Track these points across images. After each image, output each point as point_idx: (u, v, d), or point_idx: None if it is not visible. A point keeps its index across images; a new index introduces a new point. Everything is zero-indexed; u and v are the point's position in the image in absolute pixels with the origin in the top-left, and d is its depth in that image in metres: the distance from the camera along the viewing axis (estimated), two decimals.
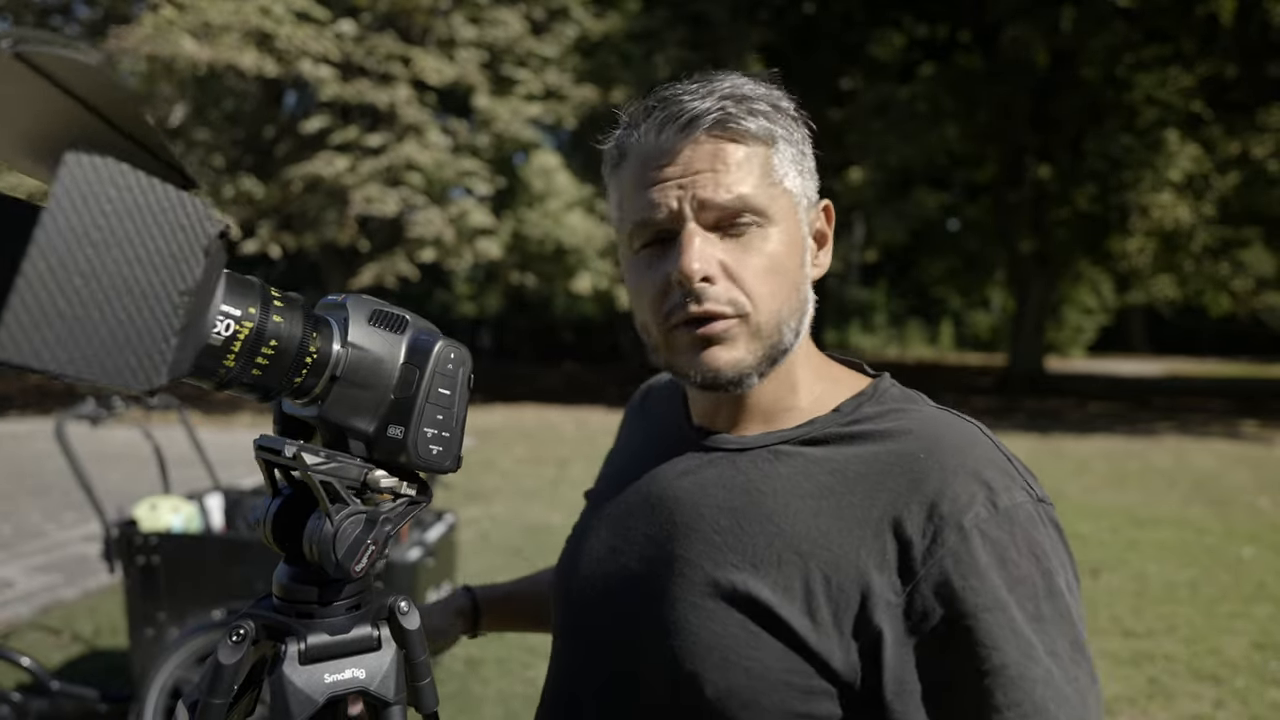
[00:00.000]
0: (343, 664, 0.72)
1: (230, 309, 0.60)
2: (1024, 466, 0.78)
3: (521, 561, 5.32)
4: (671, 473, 0.86)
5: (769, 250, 0.78)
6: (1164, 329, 38.59)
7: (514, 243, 15.73)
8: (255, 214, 14.94)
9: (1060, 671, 0.68)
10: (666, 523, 0.83)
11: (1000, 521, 0.71)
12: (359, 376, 0.68)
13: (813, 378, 0.85)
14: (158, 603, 2.79)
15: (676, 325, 0.78)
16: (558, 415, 13.90)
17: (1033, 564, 0.70)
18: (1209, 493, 7.88)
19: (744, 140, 0.77)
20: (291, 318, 0.64)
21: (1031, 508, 0.73)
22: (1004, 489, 0.73)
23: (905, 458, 0.76)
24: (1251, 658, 3.92)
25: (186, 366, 0.55)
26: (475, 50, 15.04)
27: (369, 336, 0.69)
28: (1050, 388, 18.90)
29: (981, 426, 0.81)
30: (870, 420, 0.80)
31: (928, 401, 0.84)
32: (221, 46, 12.99)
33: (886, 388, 0.84)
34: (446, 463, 0.71)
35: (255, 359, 0.62)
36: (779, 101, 0.80)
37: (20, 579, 4.99)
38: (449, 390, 0.70)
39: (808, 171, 0.82)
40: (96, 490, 2.96)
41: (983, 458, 0.75)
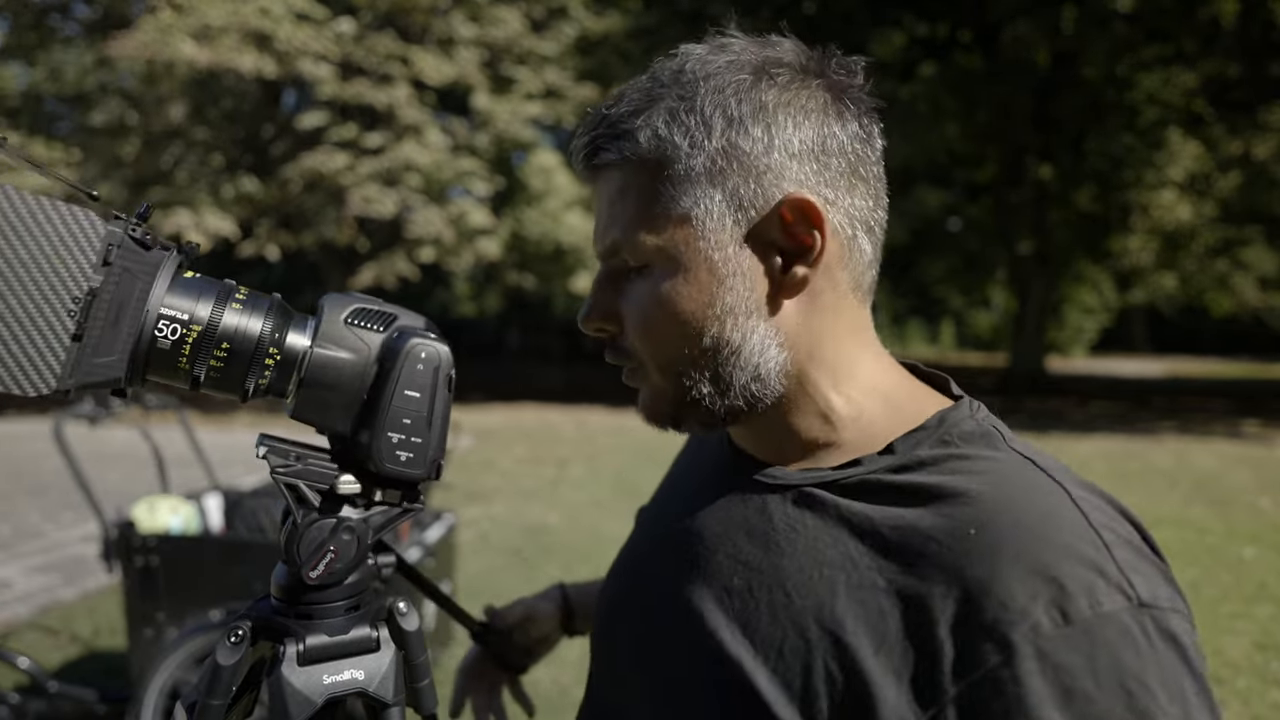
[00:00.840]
0: (341, 665, 0.71)
1: (174, 313, 0.61)
2: (1136, 548, 0.57)
3: (521, 562, 5.31)
4: (703, 501, 0.75)
5: (654, 299, 0.66)
6: (1165, 329, 38.62)
7: (513, 242, 15.73)
8: (254, 213, 14.94)
9: None
10: (686, 559, 0.73)
11: (1071, 638, 0.52)
12: (326, 376, 0.66)
13: (862, 401, 0.68)
14: (156, 603, 2.78)
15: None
16: (557, 415, 13.89)
17: (1120, 703, 0.51)
18: (1210, 493, 7.87)
19: (614, 176, 0.67)
20: (251, 317, 0.64)
21: (1129, 617, 0.53)
22: (1084, 589, 0.53)
23: (952, 532, 0.58)
24: (1253, 658, 3.91)
25: (118, 371, 0.59)
26: (475, 49, 15.03)
27: (342, 335, 0.67)
28: (1051, 388, 18.91)
29: (1074, 487, 0.60)
30: (924, 469, 0.63)
31: (1010, 440, 0.65)
32: (221, 48, 12.99)
33: (957, 421, 0.66)
34: (417, 471, 0.67)
35: (210, 360, 0.62)
36: (684, 92, 0.65)
37: (19, 579, 4.98)
38: (418, 392, 0.66)
39: (742, 171, 0.64)
40: (95, 491, 2.95)
41: (1061, 541, 0.56)
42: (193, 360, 0.62)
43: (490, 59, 15.36)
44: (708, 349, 0.66)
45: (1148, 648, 0.52)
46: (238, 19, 13.06)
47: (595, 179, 0.70)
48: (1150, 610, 0.53)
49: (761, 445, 0.72)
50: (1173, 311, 25.77)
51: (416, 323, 0.69)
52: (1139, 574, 0.55)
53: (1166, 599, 0.55)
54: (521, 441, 10.86)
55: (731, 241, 0.65)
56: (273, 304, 0.65)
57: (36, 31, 16.67)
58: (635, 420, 3.70)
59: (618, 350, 0.71)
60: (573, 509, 6.85)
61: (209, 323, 0.61)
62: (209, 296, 0.62)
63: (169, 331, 0.60)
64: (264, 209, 14.96)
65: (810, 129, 0.64)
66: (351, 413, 0.67)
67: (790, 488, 0.68)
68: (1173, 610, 0.54)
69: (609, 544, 5.75)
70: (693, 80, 0.65)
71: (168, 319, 0.60)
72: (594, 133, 0.68)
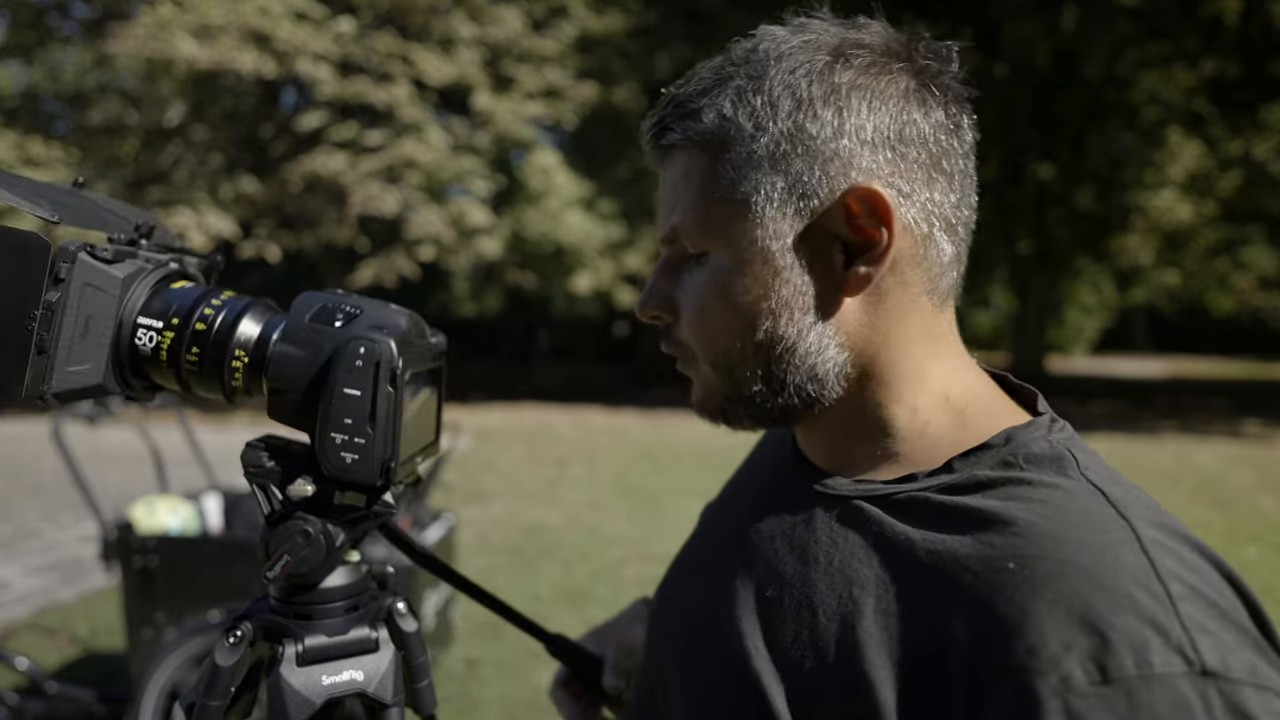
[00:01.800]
0: (340, 665, 0.71)
1: (150, 320, 0.65)
2: (1213, 605, 0.48)
3: (521, 562, 5.31)
4: (759, 504, 0.72)
5: (711, 288, 0.63)
6: (1166, 328, 38.64)
7: (513, 242, 15.73)
8: (254, 213, 14.94)
9: None
10: (734, 563, 0.70)
11: (1109, 700, 0.45)
12: (283, 376, 0.65)
13: (930, 413, 0.63)
14: (155, 604, 2.77)
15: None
16: (557, 415, 13.90)
17: None
18: (1211, 493, 7.87)
19: (676, 158, 0.65)
20: (221, 320, 0.66)
21: (1187, 685, 0.45)
22: (1133, 645, 0.46)
23: (990, 564, 0.52)
24: None
25: (94, 378, 0.63)
26: (475, 48, 15.03)
27: (301, 334, 0.65)
28: (1052, 387, 18.76)
29: (1147, 527, 0.52)
30: (979, 491, 0.57)
31: (1085, 468, 0.57)
32: (220, 47, 12.98)
33: (1026, 441, 0.59)
34: (363, 473, 0.64)
35: (183, 365, 0.66)
36: (754, 70, 0.61)
37: (17, 580, 4.97)
38: (357, 390, 0.63)
39: (807, 156, 0.60)
40: (94, 491, 2.95)
41: (1114, 586, 0.48)
42: (170, 365, 0.65)
43: (490, 58, 15.36)
44: (760, 344, 0.62)
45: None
46: (237, 18, 13.06)
47: (662, 161, 0.67)
48: (1217, 681, 0.45)
49: (822, 451, 0.69)
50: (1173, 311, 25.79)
51: (393, 319, 0.66)
52: (1209, 636, 0.46)
53: (1244, 670, 0.45)
54: (521, 442, 10.86)
55: (791, 232, 0.61)
56: (248, 305, 0.67)
57: (35, 30, 16.67)
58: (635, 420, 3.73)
59: (671, 339, 0.68)
60: (572, 509, 6.85)
61: (179, 329, 0.65)
62: (186, 304, 0.66)
63: (147, 339, 0.65)
64: (264, 209, 14.96)
65: (887, 115, 0.59)
66: (309, 412, 0.65)
67: (840, 499, 0.64)
68: (1252, 685, 0.45)
69: (609, 544, 5.75)
70: (764, 60, 0.61)
71: (144, 328, 0.64)
72: (662, 113, 0.65)
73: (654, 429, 11.85)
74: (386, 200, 14.06)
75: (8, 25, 16.59)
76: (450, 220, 14.80)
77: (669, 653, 0.73)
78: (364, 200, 13.99)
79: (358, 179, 14.06)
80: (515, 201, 15.87)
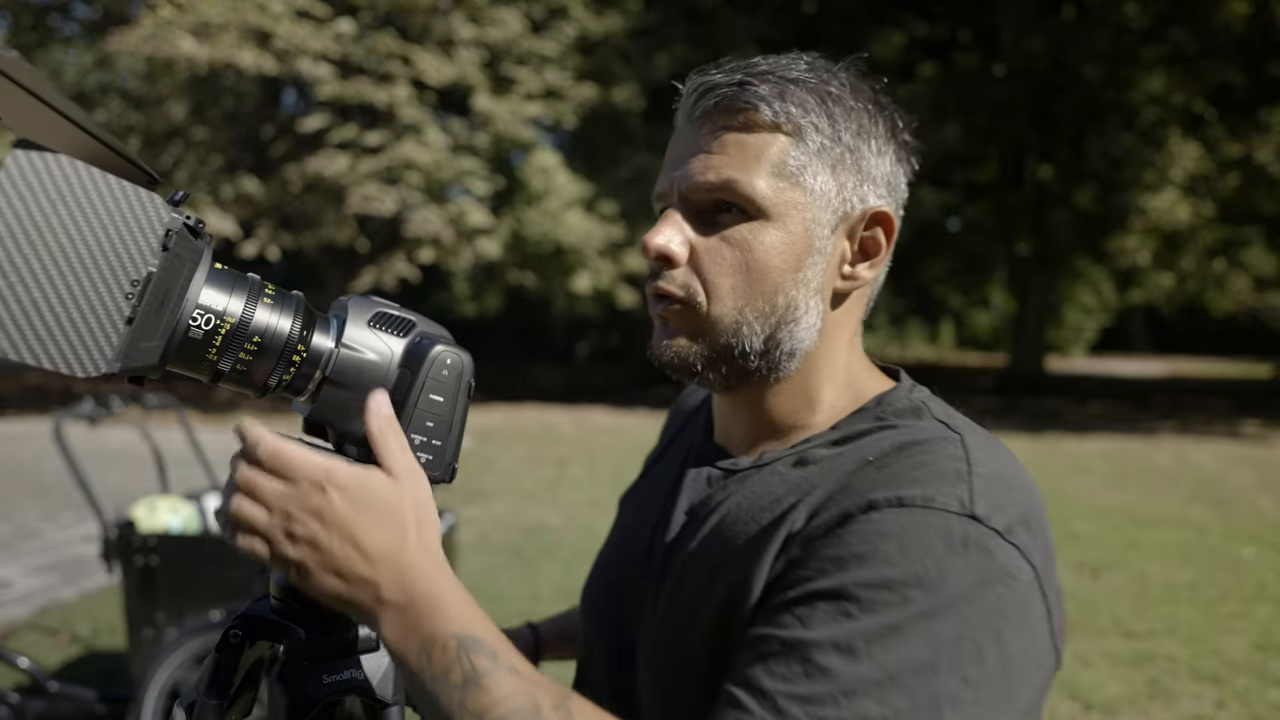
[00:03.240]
0: (341, 664, 0.71)
1: (210, 304, 0.61)
2: (1007, 487, 0.65)
3: (521, 562, 5.31)
4: (675, 492, 0.83)
5: (748, 244, 0.71)
6: (1165, 329, 38.60)
7: (513, 242, 15.72)
8: (254, 214, 14.93)
9: (832, 685, 0.57)
10: (651, 548, 0.82)
11: (897, 516, 0.62)
12: (349, 377, 0.67)
13: (840, 393, 0.77)
14: (156, 603, 2.78)
15: (650, 300, 0.77)
16: (558, 415, 13.90)
17: (904, 572, 0.59)
18: (1210, 493, 7.87)
19: (753, 124, 0.71)
20: (281, 314, 0.64)
21: (955, 521, 0.61)
22: (927, 492, 0.62)
23: (857, 461, 0.69)
24: (1252, 658, 3.92)
25: (155, 357, 0.58)
26: (474, 49, 15.02)
27: (365, 337, 0.68)
28: (1051, 388, 18.91)
29: (974, 438, 0.70)
30: (858, 437, 0.72)
31: (935, 412, 0.74)
32: (220, 45, 12.98)
33: (892, 400, 0.75)
34: (436, 473, 0.69)
35: (239, 354, 0.63)
36: (832, 90, 0.72)
37: (18, 579, 4.98)
38: (442, 397, 0.68)
39: (855, 173, 0.73)
40: (95, 490, 2.95)
41: (931, 466, 0.65)
42: (222, 352, 0.62)
43: (490, 59, 15.35)
44: (779, 306, 0.73)
45: (958, 546, 0.60)
46: (236, 15, 13.06)
47: (717, 117, 0.72)
48: (977, 524, 0.61)
49: (735, 437, 0.81)
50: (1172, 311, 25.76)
51: (435, 329, 0.70)
52: (986, 499, 0.63)
53: (1001, 525, 0.61)
54: (521, 441, 10.86)
55: (828, 224, 0.74)
56: (299, 302, 0.66)
57: (36, 31, 16.67)
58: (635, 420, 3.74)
59: (674, 280, 0.73)
60: (572, 509, 6.85)
61: (242, 317, 0.62)
62: (242, 290, 0.63)
63: (203, 322, 0.61)
64: (264, 209, 14.95)
65: (893, 165, 0.77)
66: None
67: (748, 470, 0.77)
68: (1004, 536, 0.61)
69: None
70: (841, 85, 0.74)
71: (203, 309, 0.61)
72: (744, 78, 0.72)
73: (654, 429, 11.84)
74: (385, 201, 14.06)
75: (9, 26, 16.59)
76: (449, 220, 14.79)
77: (598, 630, 0.87)
78: (362, 200, 13.99)
79: (357, 180, 14.06)
80: (515, 202, 15.86)
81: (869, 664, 0.56)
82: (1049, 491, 7.83)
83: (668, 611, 0.76)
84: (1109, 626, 4.30)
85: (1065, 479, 8.52)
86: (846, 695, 0.56)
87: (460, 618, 0.60)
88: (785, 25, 17.80)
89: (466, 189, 15.49)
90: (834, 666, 0.57)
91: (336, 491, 0.61)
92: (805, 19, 18.42)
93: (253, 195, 14.61)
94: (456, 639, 0.59)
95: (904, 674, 0.56)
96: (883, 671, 0.56)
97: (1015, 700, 0.59)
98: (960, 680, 0.57)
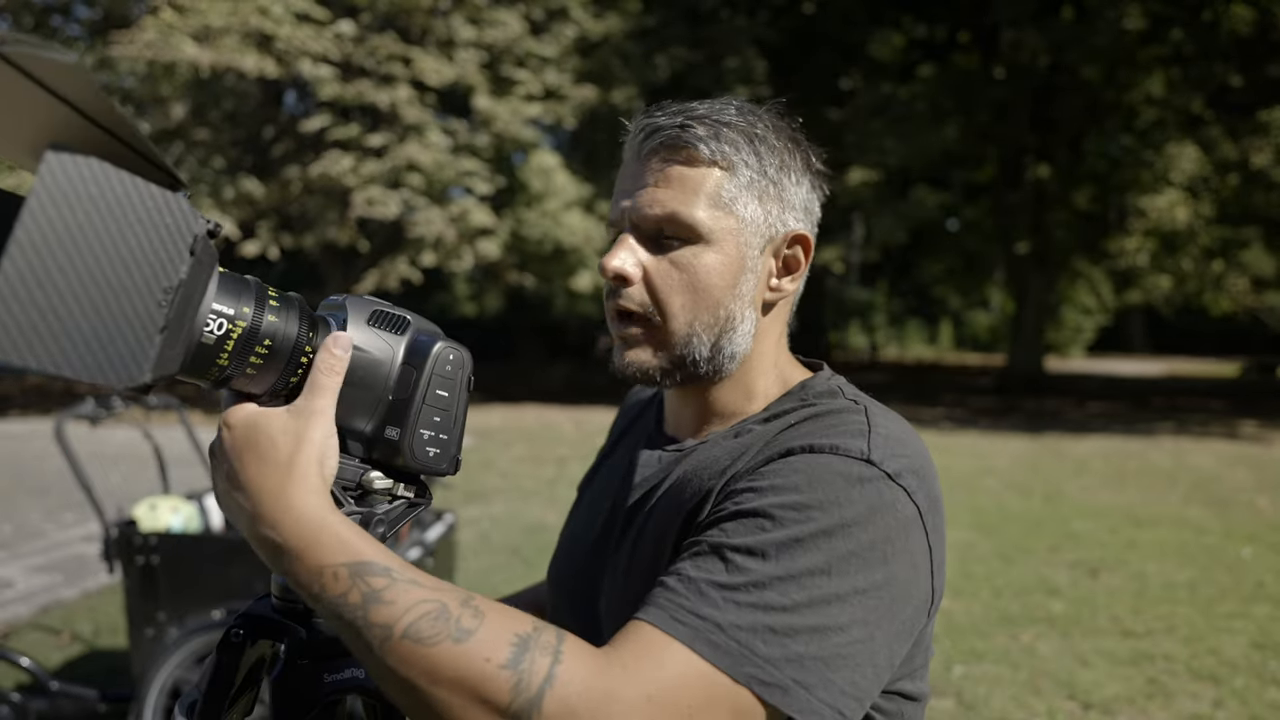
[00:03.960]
0: (341, 664, 0.72)
1: (223, 308, 0.61)
2: (900, 444, 0.77)
3: (520, 561, 5.32)
4: (629, 474, 0.95)
5: (693, 266, 0.83)
6: (1163, 329, 38.60)
7: (513, 242, 15.73)
8: (254, 214, 14.93)
9: (736, 600, 0.67)
10: (610, 521, 0.94)
11: (806, 458, 0.74)
12: (355, 377, 0.68)
13: (771, 383, 0.90)
14: (157, 603, 2.78)
15: (611, 319, 0.87)
16: (557, 415, 13.90)
17: (811, 499, 0.71)
18: (1208, 492, 7.88)
19: (693, 160, 0.82)
20: (288, 317, 0.65)
21: (854, 464, 0.73)
22: (835, 443, 0.75)
23: (778, 428, 0.82)
24: (1251, 657, 3.93)
25: (176, 365, 0.57)
26: (475, 50, 15.03)
27: (367, 337, 0.69)
28: (1049, 388, 18.91)
29: (877, 412, 0.82)
30: (785, 414, 0.85)
31: (849, 394, 0.87)
32: (222, 49, 12.98)
33: (814, 385, 0.89)
34: (443, 465, 0.71)
35: (249, 357, 0.63)
36: (758, 131, 0.84)
37: (20, 579, 4.99)
38: (447, 392, 0.70)
39: (778, 201, 0.86)
40: (96, 490, 2.96)
41: (844, 427, 0.77)
42: (234, 356, 0.62)
43: (490, 60, 15.36)
44: (721, 319, 0.84)
45: (855, 481, 0.72)
46: (237, 18, 13.06)
47: (662, 154, 0.83)
48: (873, 466, 0.73)
49: (690, 419, 0.92)
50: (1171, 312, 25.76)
51: (428, 326, 0.72)
52: (882, 450, 0.75)
53: (893, 469, 0.74)
54: (521, 441, 10.87)
55: (757, 246, 0.86)
56: (301, 304, 0.67)
57: (37, 32, 16.66)
58: None
59: (632, 299, 0.84)
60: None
61: (253, 321, 0.62)
62: (249, 294, 0.63)
63: (215, 326, 0.60)
64: (265, 210, 14.95)
65: (809, 193, 0.90)
66: (375, 410, 0.69)
67: (692, 448, 0.89)
68: (894, 478, 0.73)
69: None
70: (766, 124, 0.86)
71: (216, 314, 0.60)
72: (687, 118, 0.83)
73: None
74: (389, 204, 14.06)
75: (9, 27, 16.59)
76: (451, 221, 14.80)
77: (566, 602, 0.98)
78: (366, 204, 13.99)
79: (360, 181, 14.07)
80: (515, 203, 15.87)
81: (775, 565, 0.68)
82: (1048, 491, 7.84)
83: (627, 577, 0.86)
84: (1107, 626, 4.31)
85: (1064, 479, 8.53)
86: (756, 586, 0.67)
87: (344, 548, 0.63)
88: (784, 26, 17.81)
89: (468, 189, 15.50)
90: (748, 564, 0.69)
91: (227, 430, 0.67)
92: (804, 20, 18.42)
93: (253, 196, 14.62)
94: (346, 566, 0.62)
95: (803, 575, 0.68)
96: (786, 571, 0.68)
97: (896, 613, 0.71)
98: (850, 586, 0.69)
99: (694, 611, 0.66)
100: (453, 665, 0.60)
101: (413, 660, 0.61)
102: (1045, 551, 5.73)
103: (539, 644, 0.62)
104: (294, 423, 0.66)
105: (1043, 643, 4.07)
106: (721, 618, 0.66)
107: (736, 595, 0.67)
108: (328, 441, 0.67)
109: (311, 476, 0.65)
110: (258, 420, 0.66)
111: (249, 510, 0.65)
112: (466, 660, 0.60)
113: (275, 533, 0.64)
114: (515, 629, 0.63)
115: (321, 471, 0.66)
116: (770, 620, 0.66)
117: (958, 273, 24.89)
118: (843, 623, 0.67)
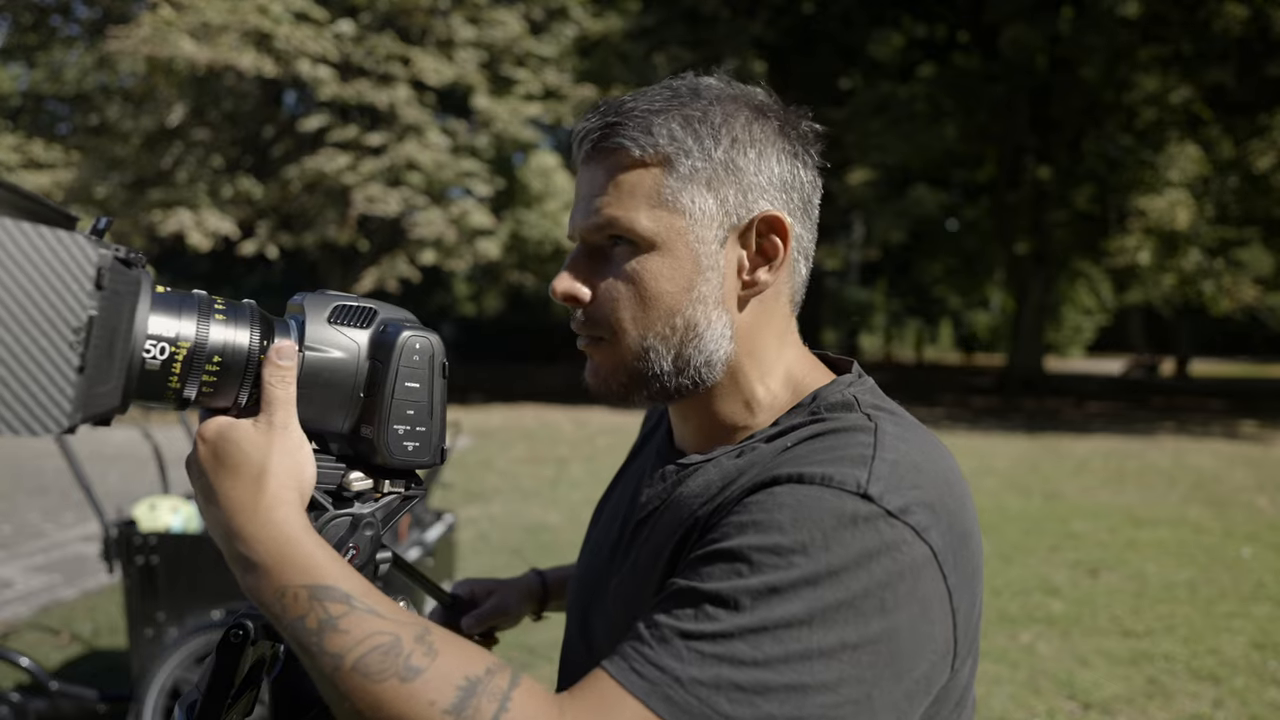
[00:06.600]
0: None
1: (160, 332, 0.59)
2: (910, 475, 0.67)
3: (521, 561, 5.32)
4: (639, 489, 0.89)
5: (639, 276, 0.74)
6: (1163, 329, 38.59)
7: (512, 243, 15.74)
8: (254, 214, 14.94)
9: (698, 650, 0.61)
10: (618, 535, 0.88)
11: (794, 490, 0.65)
12: (320, 378, 0.67)
13: (779, 390, 0.80)
14: (157, 603, 2.78)
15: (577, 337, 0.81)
16: (557, 415, 13.90)
17: (793, 535, 0.63)
18: (1208, 492, 7.88)
19: (625, 163, 0.74)
20: (236, 328, 0.63)
21: (848, 499, 0.64)
22: (827, 473, 0.66)
23: (777, 448, 0.73)
24: (1250, 657, 3.93)
25: (116, 398, 0.56)
26: (474, 50, 15.03)
27: (328, 335, 0.67)
28: (1049, 387, 18.92)
29: (891, 427, 0.72)
30: (791, 431, 0.75)
31: (864, 405, 0.76)
32: (220, 47, 12.99)
33: (827, 395, 0.78)
34: (425, 458, 0.69)
35: (201, 376, 0.62)
36: (695, 113, 0.74)
37: (19, 579, 4.98)
38: (418, 383, 0.68)
39: (735, 185, 0.75)
40: (95, 490, 2.96)
41: (837, 453, 0.68)
42: (184, 379, 0.61)
43: (490, 60, 15.37)
44: (678, 328, 0.75)
45: (848, 521, 0.63)
46: (236, 17, 13.06)
47: (595, 160, 0.77)
48: (870, 503, 0.64)
49: (693, 435, 0.84)
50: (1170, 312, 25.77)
51: (398, 314, 0.70)
52: (883, 483, 0.65)
53: (896, 505, 0.64)
54: (521, 441, 10.87)
55: (715, 240, 0.75)
56: (253, 311, 0.65)
57: (37, 32, 16.66)
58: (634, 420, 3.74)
59: (588, 320, 0.78)
60: (572, 509, 6.86)
61: (196, 339, 0.61)
62: (190, 310, 0.61)
63: (157, 351, 0.59)
64: (264, 209, 14.96)
65: (785, 165, 0.77)
66: (349, 410, 0.68)
67: (698, 465, 0.80)
68: (896, 515, 0.64)
69: None
70: (708, 100, 0.75)
71: (154, 338, 0.59)
72: (610, 119, 0.75)
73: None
74: (389, 202, 14.06)
75: (10, 27, 16.59)
76: (452, 221, 14.81)
77: (574, 623, 0.92)
78: (366, 202, 14.00)
79: (359, 180, 14.07)
80: (515, 203, 15.88)
81: (749, 615, 0.61)
82: (1047, 491, 7.84)
83: (614, 605, 0.81)
84: (1107, 626, 4.31)
85: (1064, 479, 8.53)
86: (724, 637, 0.61)
87: (309, 570, 0.62)
88: (784, 27, 17.81)
89: (468, 190, 15.51)
90: (717, 613, 0.62)
91: (202, 444, 0.66)
92: (804, 20, 18.42)
93: (252, 195, 14.62)
94: (306, 588, 0.61)
95: (778, 626, 0.61)
96: (759, 622, 0.61)
97: (902, 672, 0.63)
98: (837, 640, 0.61)
99: (654, 663, 0.61)
100: (394, 705, 0.59)
101: (359, 695, 0.59)
102: (1045, 551, 5.73)
103: (487, 690, 0.60)
104: (262, 436, 0.65)
105: (1042, 642, 4.07)
106: (682, 671, 0.60)
107: (701, 646, 0.61)
108: (299, 452, 0.66)
109: (284, 489, 0.64)
110: (228, 433, 0.65)
111: (223, 525, 0.64)
112: (410, 702, 0.59)
113: (245, 548, 0.63)
114: (466, 671, 0.60)
115: (298, 485, 0.65)
116: (737, 676, 0.60)
117: (957, 272, 24.92)
118: (828, 681, 0.60)
